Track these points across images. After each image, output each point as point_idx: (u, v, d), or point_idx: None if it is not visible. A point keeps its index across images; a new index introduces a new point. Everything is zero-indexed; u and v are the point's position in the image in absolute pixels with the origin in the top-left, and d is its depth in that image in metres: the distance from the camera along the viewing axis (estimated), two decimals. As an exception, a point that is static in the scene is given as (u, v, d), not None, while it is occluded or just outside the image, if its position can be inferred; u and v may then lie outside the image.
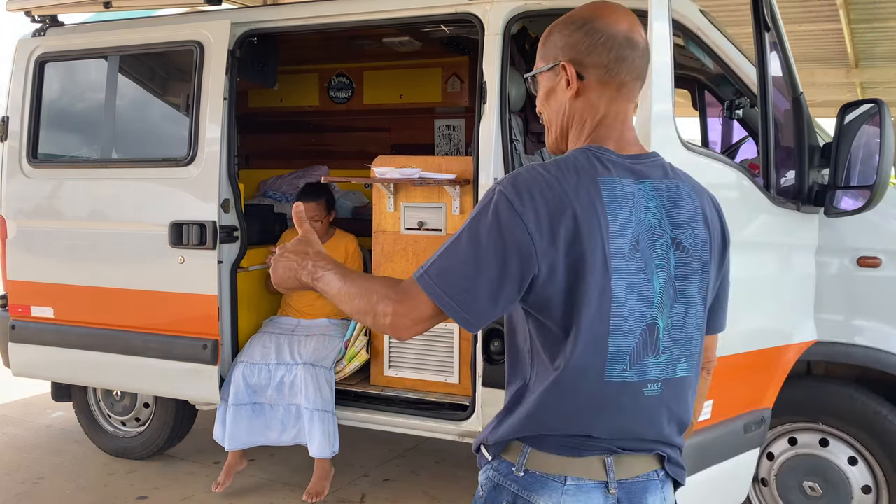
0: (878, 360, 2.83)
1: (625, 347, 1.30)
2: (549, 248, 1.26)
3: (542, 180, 1.29)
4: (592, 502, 1.32)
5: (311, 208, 3.91)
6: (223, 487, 3.78)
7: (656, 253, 1.33)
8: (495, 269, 1.26)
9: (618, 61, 1.36)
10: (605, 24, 1.37)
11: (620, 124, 1.39)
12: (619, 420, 1.33)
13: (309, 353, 3.69)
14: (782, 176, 2.79)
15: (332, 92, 5.22)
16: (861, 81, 11.84)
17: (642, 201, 1.33)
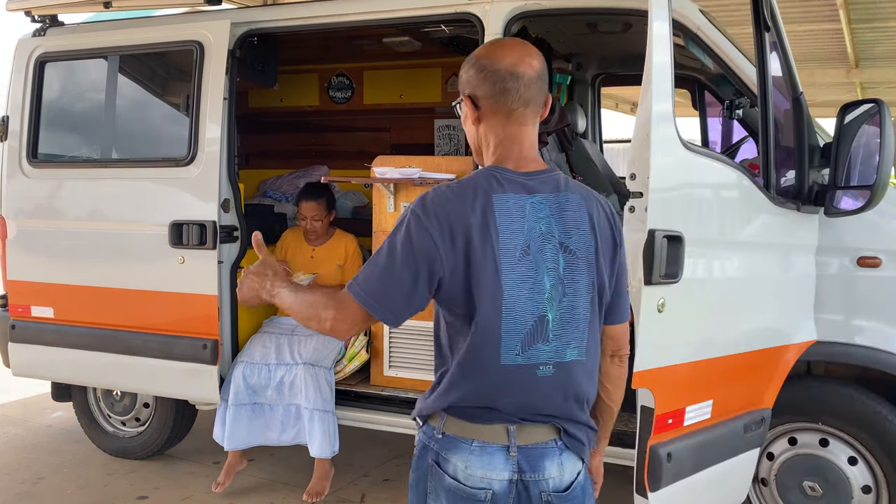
0: (878, 360, 2.83)
1: (517, 336, 1.56)
2: (450, 254, 1.54)
3: (445, 199, 1.57)
4: (495, 462, 1.59)
5: (312, 208, 3.91)
6: (223, 487, 3.79)
7: (546, 256, 1.57)
8: (408, 274, 1.54)
9: (502, 93, 1.60)
10: (490, 61, 1.61)
11: (518, 146, 1.64)
12: (517, 396, 1.58)
13: (309, 353, 3.69)
14: (782, 176, 2.79)
15: (332, 92, 5.23)
16: (861, 81, 11.84)
17: (534, 212, 1.58)
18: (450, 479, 1.61)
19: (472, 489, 1.59)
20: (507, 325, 1.55)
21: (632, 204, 2.37)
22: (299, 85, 5.24)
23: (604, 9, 3.25)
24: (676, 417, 2.44)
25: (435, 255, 1.54)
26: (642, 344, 2.30)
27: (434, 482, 1.65)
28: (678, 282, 2.32)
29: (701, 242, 2.45)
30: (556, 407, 1.61)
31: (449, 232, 1.54)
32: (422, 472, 1.69)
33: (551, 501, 1.61)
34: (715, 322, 2.61)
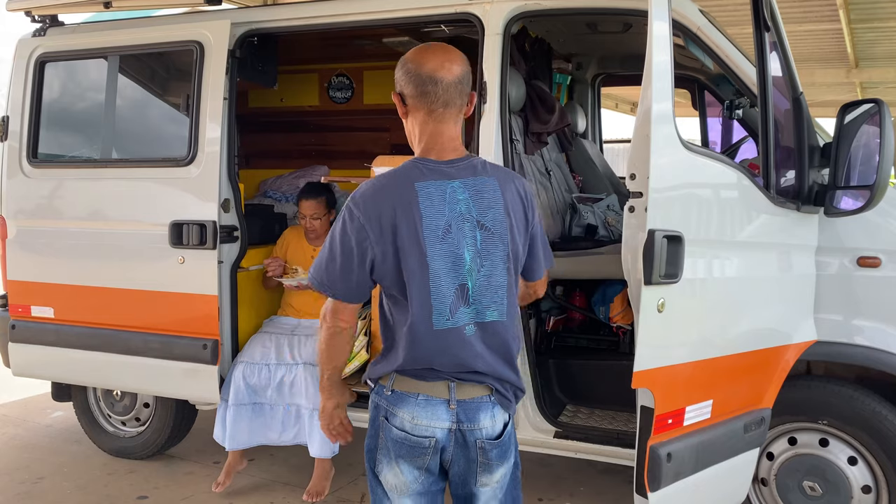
0: (878, 360, 2.83)
1: (444, 303, 1.82)
2: (380, 238, 1.81)
3: (373, 192, 1.85)
4: (438, 413, 1.85)
5: (312, 206, 3.91)
6: (223, 487, 3.79)
7: (465, 233, 1.83)
8: (347, 260, 1.84)
9: (423, 94, 1.85)
10: (415, 65, 1.85)
11: (438, 138, 1.89)
12: (451, 356, 1.84)
13: (309, 353, 3.69)
14: (782, 176, 2.78)
15: (332, 92, 5.22)
16: (861, 81, 11.84)
17: (454, 196, 1.84)
18: (397, 430, 1.87)
19: (418, 437, 1.85)
20: (434, 296, 1.82)
21: (632, 204, 2.37)
22: (299, 85, 5.23)
23: (604, 9, 3.24)
24: (676, 417, 2.44)
25: (366, 241, 1.82)
26: (642, 344, 2.30)
27: (384, 436, 1.90)
28: (678, 282, 2.32)
29: (701, 242, 2.45)
30: (487, 366, 1.87)
31: (378, 220, 1.81)
32: (374, 430, 1.95)
33: (484, 447, 1.88)
34: (715, 322, 2.61)
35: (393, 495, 1.93)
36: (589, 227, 4.13)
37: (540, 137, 4.14)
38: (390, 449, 1.88)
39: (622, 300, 3.66)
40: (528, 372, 3.30)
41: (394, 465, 1.89)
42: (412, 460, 1.87)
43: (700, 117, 4.85)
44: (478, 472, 1.90)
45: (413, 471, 1.88)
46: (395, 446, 1.87)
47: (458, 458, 1.89)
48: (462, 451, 1.88)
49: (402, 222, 1.80)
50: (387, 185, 1.85)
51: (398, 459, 1.88)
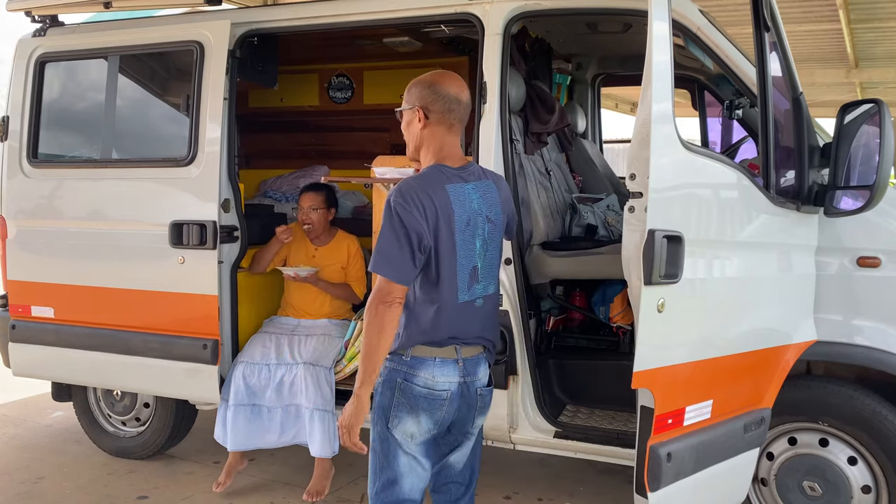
0: (878, 360, 2.83)
1: (464, 281, 2.24)
2: (428, 228, 2.15)
3: (417, 189, 2.17)
4: (450, 371, 2.25)
5: (311, 197, 3.93)
6: (224, 487, 3.79)
7: (478, 225, 2.26)
8: (409, 246, 2.13)
9: (448, 111, 2.26)
10: (442, 87, 2.27)
11: (452, 149, 2.30)
12: (467, 324, 2.27)
13: (309, 353, 3.69)
14: (782, 176, 2.78)
15: (332, 92, 5.22)
16: (861, 81, 11.83)
17: (470, 196, 2.25)
18: (420, 388, 2.22)
19: (439, 391, 2.24)
20: (460, 276, 2.22)
21: (631, 204, 2.37)
22: (299, 85, 5.23)
23: (604, 9, 3.25)
24: (676, 417, 2.44)
25: (423, 230, 2.14)
26: (642, 344, 2.30)
27: (403, 395, 2.23)
28: (678, 282, 2.32)
29: (701, 242, 2.45)
30: (485, 329, 2.33)
31: (425, 213, 2.15)
32: (389, 392, 2.26)
33: (482, 393, 2.35)
34: (715, 322, 2.61)
35: (406, 442, 2.26)
36: (589, 227, 4.12)
37: (540, 137, 4.13)
38: (416, 405, 2.23)
39: (622, 300, 3.66)
40: (528, 372, 3.30)
41: (414, 417, 2.24)
42: (432, 412, 2.24)
43: (700, 117, 4.85)
44: (475, 415, 2.36)
45: (430, 421, 2.25)
46: (420, 401, 2.23)
47: (461, 405, 2.30)
48: (464, 400, 2.30)
49: (442, 217, 2.17)
50: (427, 185, 2.19)
51: (420, 412, 2.23)
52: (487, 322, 2.34)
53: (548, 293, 3.74)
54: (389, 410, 2.25)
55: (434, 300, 2.21)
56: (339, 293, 3.98)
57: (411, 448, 2.26)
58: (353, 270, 4.02)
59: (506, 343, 3.24)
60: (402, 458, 2.27)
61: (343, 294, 3.99)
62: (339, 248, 4.03)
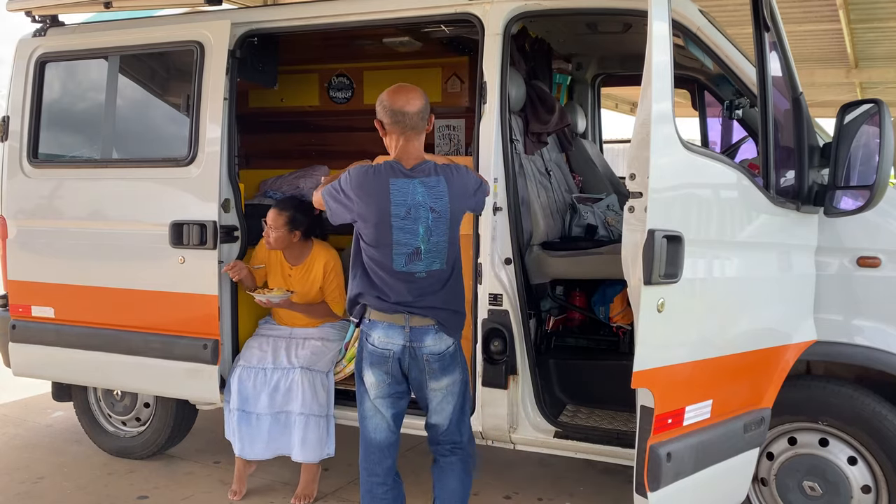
0: (878, 360, 2.83)
1: (401, 256, 2.67)
2: (360, 206, 2.67)
3: (363, 174, 2.69)
4: (396, 334, 2.70)
5: (273, 215, 3.67)
6: (241, 495, 3.76)
7: (421, 214, 2.66)
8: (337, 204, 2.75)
9: (395, 123, 2.70)
10: (389, 103, 2.70)
11: (406, 152, 2.72)
12: (407, 292, 2.68)
13: (306, 357, 3.67)
14: (782, 176, 2.78)
15: (333, 92, 5.22)
16: (861, 81, 11.83)
17: (414, 189, 2.66)
18: (370, 345, 2.73)
19: (382, 349, 2.72)
20: (395, 251, 2.66)
21: (631, 204, 2.37)
22: (299, 85, 5.23)
23: (604, 9, 3.25)
24: (676, 417, 2.44)
25: (350, 204, 2.69)
26: (642, 344, 2.30)
27: (363, 351, 2.77)
28: (678, 282, 2.32)
29: (700, 242, 2.45)
30: (434, 301, 2.70)
31: (361, 195, 2.66)
32: (360, 347, 2.79)
33: (429, 360, 2.72)
34: (714, 322, 2.61)
35: (371, 391, 2.77)
36: (589, 227, 4.13)
37: (540, 137, 4.14)
38: (367, 360, 2.75)
39: (622, 300, 3.66)
40: (528, 372, 3.30)
41: (368, 369, 2.76)
42: (379, 366, 2.73)
43: (700, 117, 4.85)
44: (427, 378, 2.75)
45: (380, 374, 2.74)
46: (369, 357, 2.74)
47: (413, 367, 2.74)
48: (414, 363, 2.73)
49: (380, 202, 2.64)
50: (372, 174, 2.68)
51: (371, 366, 2.74)
52: (435, 297, 2.71)
53: (548, 293, 3.75)
54: (360, 363, 2.79)
55: (373, 268, 2.70)
56: (316, 314, 3.81)
57: (373, 395, 2.77)
58: (329, 289, 3.81)
59: (506, 343, 3.25)
60: (367, 402, 2.80)
61: (321, 314, 3.82)
62: (313, 266, 3.80)
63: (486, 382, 3.32)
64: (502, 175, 3.29)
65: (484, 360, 3.30)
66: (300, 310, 3.78)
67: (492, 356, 3.27)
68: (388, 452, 2.88)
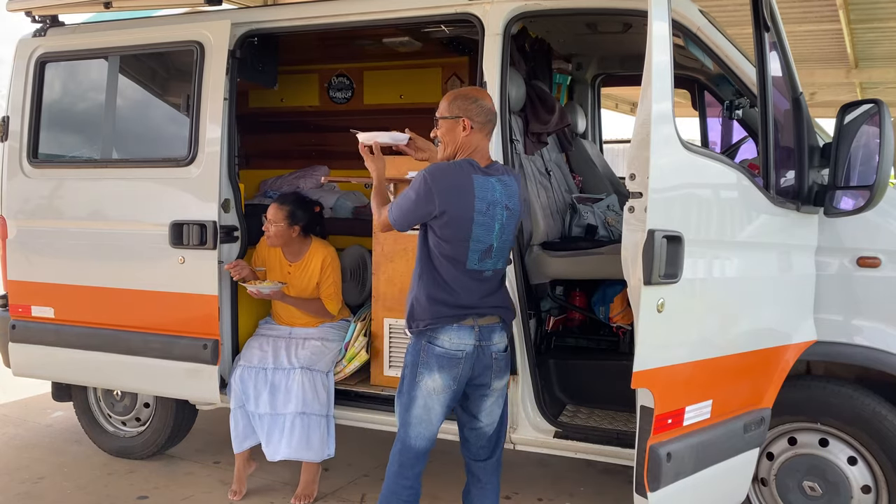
0: (878, 360, 2.83)
1: (476, 253, 2.65)
2: (443, 203, 2.59)
3: (446, 171, 2.64)
4: (466, 335, 2.68)
5: (273, 210, 3.69)
6: (241, 495, 3.76)
7: (497, 212, 2.67)
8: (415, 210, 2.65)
9: (487, 122, 2.72)
10: (484, 102, 2.73)
11: (482, 152, 2.73)
12: (475, 291, 2.69)
13: (306, 357, 3.67)
14: (782, 176, 2.79)
15: (332, 92, 5.23)
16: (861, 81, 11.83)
17: (493, 187, 2.66)
18: (439, 348, 2.67)
19: (454, 351, 2.67)
20: (471, 248, 2.64)
21: (631, 204, 2.37)
22: (299, 85, 5.24)
23: (604, 9, 3.25)
24: (676, 417, 2.44)
25: (431, 205, 2.59)
26: (642, 344, 2.30)
27: (426, 356, 2.68)
28: (678, 282, 2.32)
29: (700, 242, 2.45)
30: (497, 300, 2.75)
31: (447, 187, 2.59)
32: (416, 352, 2.71)
33: (497, 357, 2.75)
34: (714, 322, 2.61)
35: (434, 395, 2.68)
36: (589, 227, 4.13)
37: (540, 137, 4.14)
38: (433, 364, 2.66)
39: (622, 300, 3.66)
40: (528, 372, 3.30)
41: (436, 373, 2.66)
42: (449, 369, 2.66)
43: (700, 117, 4.85)
44: (492, 377, 2.75)
45: (448, 378, 2.67)
46: (438, 360, 2.66)
47: (480, 367, 2.71)
48: (483, 362, 2.71)
49: (459, 199, 2.60)
50: (456, 170, 2.64)
51: (440, 369, 2.66)
52: (499, 293, 2.78)
53: (548, 293, 3.74)
54: (416, 367, 2.70)
55: (445, 267, 2.65)
56: (309, 309, 3.79)
57: (434, 400, 2.69)
58: (324, 286, 3.79)
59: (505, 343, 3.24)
60: (415, 409, 2.71)
61: (314, 310, 3.80)
62: (311, 263, 3.80)
63: (486, 382, 3.32)
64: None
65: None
66: (292, 302, 3.77)
67: None
68: (423, 458, 2.79)
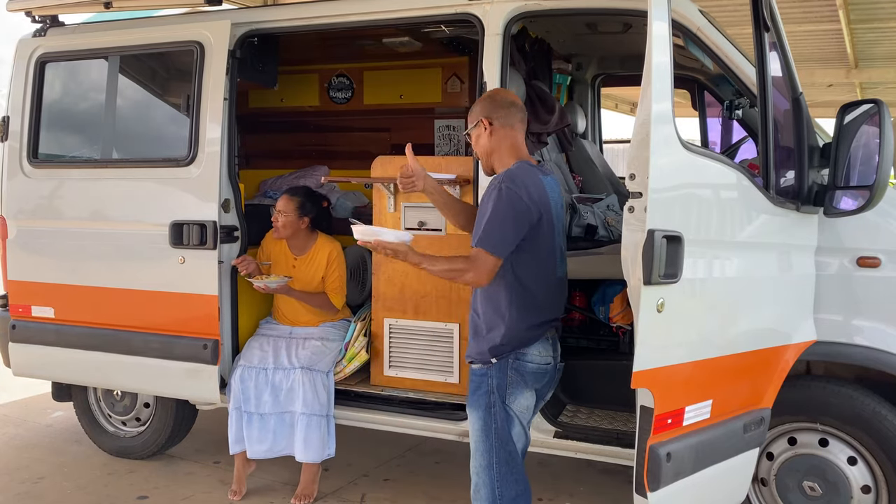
0: (878, 360, 2.83)
1: (558, 258, 2.62)
2: (533, 211, 2.48)
3: (524, 176, 2.52)
4: (549, 346, 2.62)
5: (284, 201, 3.75)
6: (241, 495, 3.77)
7: (560, 212, 2.63)
8: (517, 226, 2.47)
9: (508, 115, 2.62)
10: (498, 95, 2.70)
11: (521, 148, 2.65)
12: (560, 297, 2.68)
13: (306, 357, 3.68)
14: (782, 176, 2.79)
15: (333, 92, 5.22)
16: (861, 81, 11.83)
17: (553, 187, 2.62)
18: (531, 364, 2.56)
19: (544, 364, 2.60)
20: (558, 256, 2.60)
21: (631, 204, 2.37)
22: (299, 85, 5.23)
23: (604, 9, 3.25)
24: (676, 417, 2.44)
25: (530, 214, 2.47)
26: (641, 344, 2.30)
27: (516, 375, 2.56)
28: (677, 282, 2.32)
29: (700, 242, 2.45)
30: (563, 306, 2.73)
31: (530, 196, 2.47)
32: (502, 375, 2.55)
33: (559, 369, 2.71)
34: (714, 322, 2.61)
35: (523, 415, 2.59)
36: (589, 227, 4.13)
37: (540, 137, 4.14)
38: (528, 379, 2.57)
39: (622, 300, 3.66)
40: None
41: (525, 391, 2.58)
42: (535, 384, 2.60)
43: (700, 117, 4.85)
44: (551, 387, 2.73)
45: (531, 394, 2.61)
46: (531, 376, 2.57)
47: (553, 379, 2.69)
48: (552, 373, 2.67)
49: (542, 203, 2.51)
50: (531, 174, 2.54)
51: (527, 387, 2.58)
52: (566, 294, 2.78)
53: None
54: (504, 389, 2.56)
55: (534, 281, 2.54)
56: (314, 303, 3.81)
57: (524, 419, 2.61)
58: (329, 279, 3.84)
59: None
60: (516, 427, 2.60)
61: (319, 304, 3.82)
62: (317, 257, 3.85)
63: (486, 382, 3.32)
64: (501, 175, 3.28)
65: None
66: (298, 297, 3.79)
67: None
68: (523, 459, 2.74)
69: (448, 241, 3.55)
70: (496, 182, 2.50)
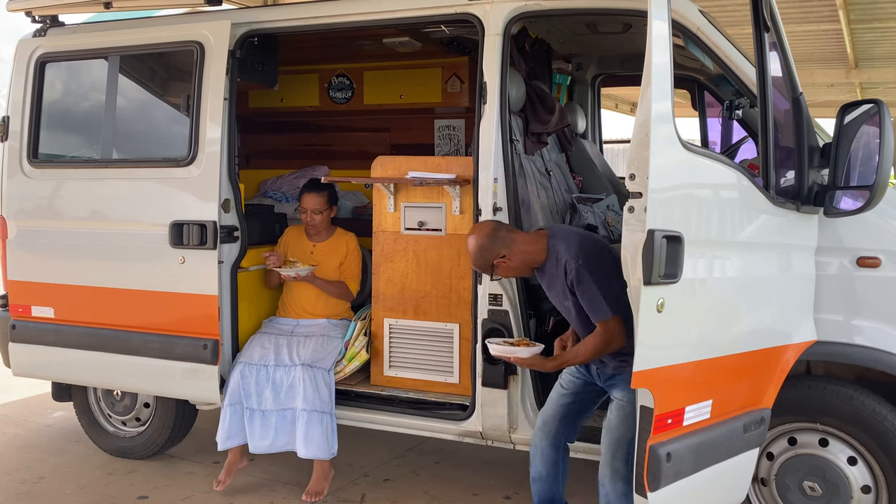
0: (878, 360, 2.83)
1: None
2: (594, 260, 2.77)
3: (567, 243, 2.81)
4: None
5: (314, 200, 3.94)
6: (224, 486, 3.79)
7: None
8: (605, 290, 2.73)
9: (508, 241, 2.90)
10: (483, 239, 2.90)
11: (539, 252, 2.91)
12: None
13: (308, 355, 3.68)
14: (782, 176, 2.78)
15: (333, 92, 5.22)
16: (861, 82, 11.83)
17: None
18: None
19: None
20: None
21: (631, 204, 2.37)
22: (299, 85, 5.23)
23: (604, 9, 3.25)
24: (676, 417, 2.44)
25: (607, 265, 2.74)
26: (642, 344, 2.30)
27: None
28: (677, 282, 2.32)
29: (700, 242, 2.45)
30: None
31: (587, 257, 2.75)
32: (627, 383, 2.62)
33: None
34: (714, 322, 2.61)
35: None
36: (589, 227, 4.12)
37: (540, 138, 4.14)
38: None
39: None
40: (528, 372, 3.30)
41: None
42: None
43: (700, 117, 4.85)
44: None
45: None
46: None
47: None
48: None
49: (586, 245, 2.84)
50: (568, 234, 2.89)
51: None
52: None
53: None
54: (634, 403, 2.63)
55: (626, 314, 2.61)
56: (334, 291, 3.98)
57: None
58: (348, 267, 4.03)
59: None
60: None
61: (338, 292, 3.99)
62: (337, 245, 4.05)
63: (485, 382, 3.33)
64: (502, 175, 3.29)
65: (484, 360, 3.30)
66: (320, 285, 3.93)
67: (492, 356, 3.27)
68: None
69: (448, 240, 3.55)
70: (563, 267, 2.77)
